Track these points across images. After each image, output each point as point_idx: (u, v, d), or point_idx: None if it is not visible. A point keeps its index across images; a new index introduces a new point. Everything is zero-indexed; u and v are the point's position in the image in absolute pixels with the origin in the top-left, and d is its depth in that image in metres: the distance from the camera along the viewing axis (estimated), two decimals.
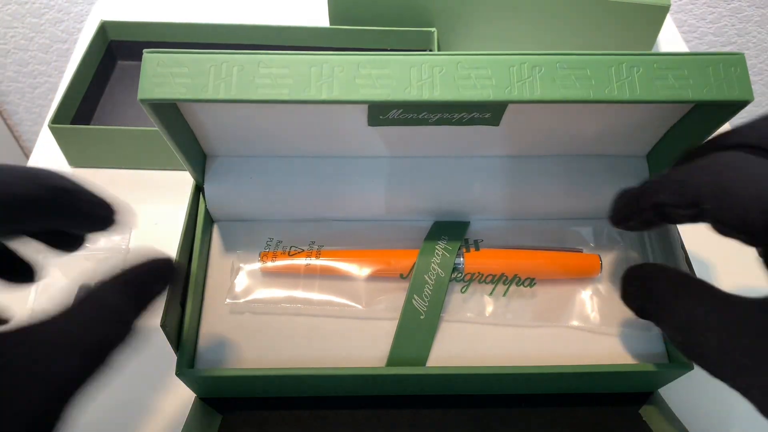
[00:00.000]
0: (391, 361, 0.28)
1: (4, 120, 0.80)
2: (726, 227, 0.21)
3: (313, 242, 0.31)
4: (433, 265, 0.29)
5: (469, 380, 0.27)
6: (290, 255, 0.30)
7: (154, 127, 0.39)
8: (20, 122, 0.81)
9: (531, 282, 0.30)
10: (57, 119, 0.40)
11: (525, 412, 0.29)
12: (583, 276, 0.31)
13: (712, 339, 0.20)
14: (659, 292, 0.23)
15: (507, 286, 0.30)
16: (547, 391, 0.30)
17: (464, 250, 0.31)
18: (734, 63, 0.23)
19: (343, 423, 0.29)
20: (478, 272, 0.30)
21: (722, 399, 0.32)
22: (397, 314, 0.29)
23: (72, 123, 0.42)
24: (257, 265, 0.30)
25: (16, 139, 0.83)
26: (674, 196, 0.22)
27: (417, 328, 0.29)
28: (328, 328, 0.29)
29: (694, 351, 0.21)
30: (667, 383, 0.29)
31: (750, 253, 0.21)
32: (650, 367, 0.27)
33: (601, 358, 0.29)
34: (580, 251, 0.31)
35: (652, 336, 0.29)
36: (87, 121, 0.44)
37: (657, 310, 0.23)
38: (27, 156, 0.84)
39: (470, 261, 0.30)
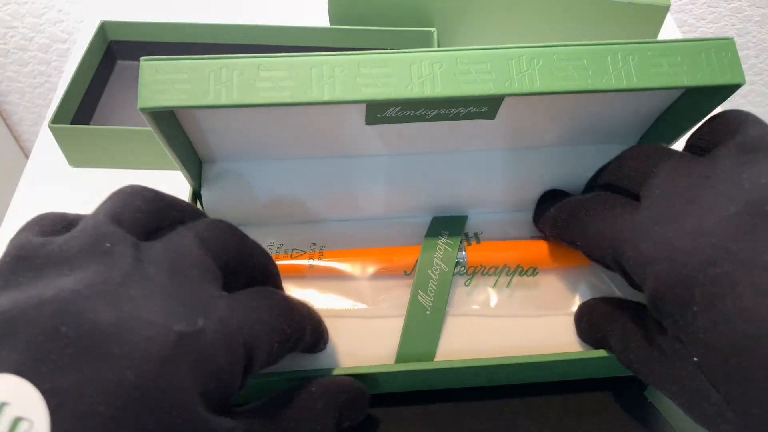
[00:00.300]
0: (400, 357, 0.28)
1: (4, 120, 0.80)
2: (590, 259, 0.26)
3: (315, 244, 0.31)
4: (435, 260, 0.30)
5: (477, 372, 0.27)
6: (292, 257, 0.30)
7: None
8: (20, 122, 0.81)
9: (533, 271, 0.31)
10: (57, 119, 0.40)
11: (533, 400, 0.30)
12: (583, 263, 0.31)
13: (634, 355, 0.24)
14: (598, 324, 0.27)
15: (510, 277, 0.31)
16: (554, 379, 0.30)
17: (465, 243, 0.31)
18: (725, 48, 0.24)
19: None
20: (481, 265, 0.30)
21: None
22: (403, 311, 0.29)
23: (72, 123, 0.42)
24: None
25: (16, 139, 0.83)
26: (559, 233, 0.28)
27: (423, 323, 0.29)
28: (334, 329, 0.29)
29: (631, 368, 0.24)
30: None
31: None
32: None
33: None
34: None
35: None
36: (87, 121, 0.44)
37: (602, 340, 0.27)
38: (27, 156, 0.84)
39: (472, 254, 0.30)
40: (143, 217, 0.20)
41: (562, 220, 0.27)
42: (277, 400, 0.22)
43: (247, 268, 0.22)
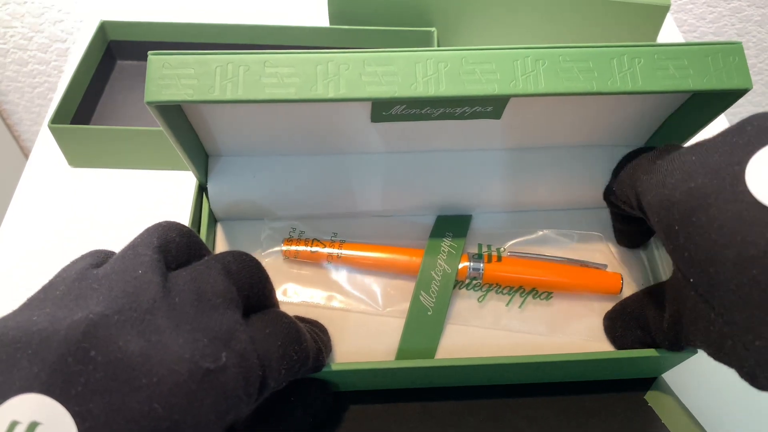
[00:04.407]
0: (400, 356, 0.28)
1: (4, 120, 0.79)
2: (616, 200, 0.28)
3: (335, 234, 0.31)
4: (439, 261, 0.30)
5: (477, 371, 0.27)
6: (312, 245, 0.30)
7: (154, 127, 0.39)
8: (19, 122, 0.81)
9: (548, 295, 0.31)
10: (57, 119, 0.40)
11: (532, 401, 0.30)
12: (603, 293, 0.30)
13: (667, 324, 0.24)
14: (631, 316, 0.28)
15: (524, 298, 0.30)
16: (554, 380, 0.30)
17: (486, 256, 0.30)
18: (732, 52, 0.24)
19: (354, 418, 0.29)
20: (497, 283, 0.30)
21: (725, 382, 0.32)
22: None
23: (72, 123, 0.42)
24: (278, 251, 0.30)
25: (16, 138, 0.83)
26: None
27: (424, 324, 0.29)
28: (340, 324, 0.29)
29: (669, 341, 0.25)
30: (670, 368, 0.30)
31: None
32: (654, 353, 0.27)
33: (608, 345, 0.29)
34: (604, 267, 0.31)
35: None
36: (87, 121, 0.44)
37: (640, 331, 0.27)
38: (26, 156, 0.84)
39: (490, 272, 0.30)
40: (176, 248, 0.20)
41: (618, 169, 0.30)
42: (261, 411, 0.23)
43: (263, 295, 0.23)
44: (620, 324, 0.29)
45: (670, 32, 0.56)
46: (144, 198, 0.41)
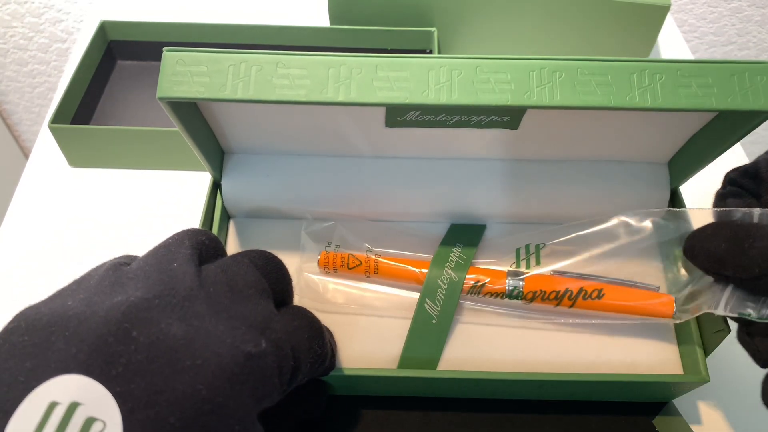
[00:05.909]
0: (403, 363, 0.28)
1: (4, 120, 0.79)
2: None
3: (370, 249, 0.31)
4: (446, 269, 0.29)
5: (479, 384, 0.27)
6: (348, 260, 0.30)
7: (155, 127, 0.39)
8: (19, 122, 0.81)
9: (599, 293, 0.28)
10: (57, 119, 0.39)
11: (536, 418, 0.29)
12: (653, 317, 0.28)
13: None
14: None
15: (572, 301, 0.28)
16: (560, 398, 0.29)
17: (525, 272, 0.29)
18: (760, 72, 0.22)
19: (353, 423, 0.29)
20: (540, 290, 0.28)
21: (736, 411, 0.31)
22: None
23: (72, 123, 0.42)
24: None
25: (16, 138, 0.83)
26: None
27: (429, 332, 0.28)
28: (343, 330, 0.29)
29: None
30: (681, 394, 0.29)
31: None
32: (666, 378, 0.26)
33: (617, 367, 0.28)
34: (656, 289, 0.28)
35: (667, 345, 0.29)
36: (87, 121, 0.44)
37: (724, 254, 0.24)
38: (26, 156, 0.84)
39: (529, 283, 0.28)
40: (206, 250, 0.21)
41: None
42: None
43: (286, 292, 0.23)
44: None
45: (670, 33, 0.56)
46: (145, 198, 0.41)
